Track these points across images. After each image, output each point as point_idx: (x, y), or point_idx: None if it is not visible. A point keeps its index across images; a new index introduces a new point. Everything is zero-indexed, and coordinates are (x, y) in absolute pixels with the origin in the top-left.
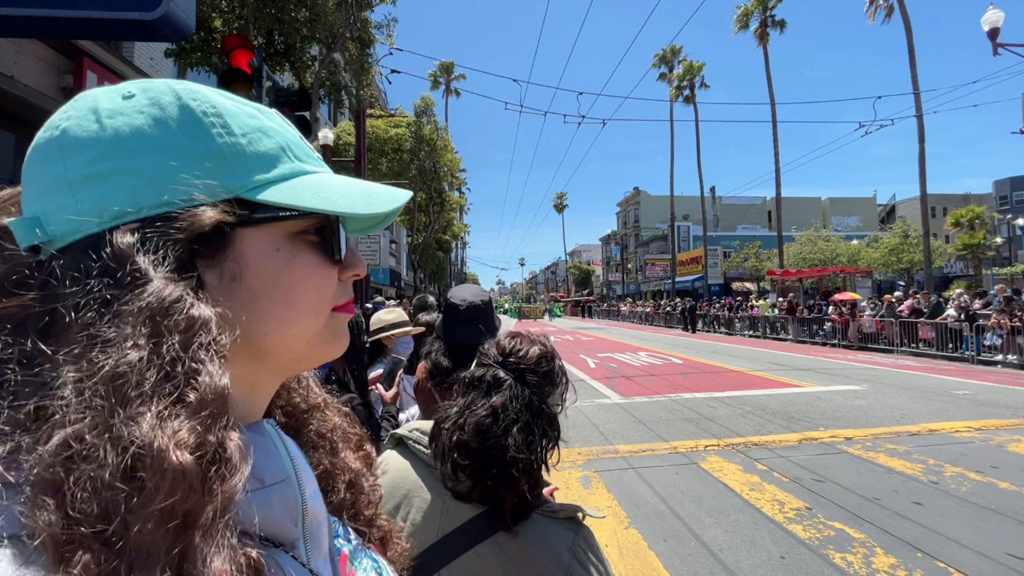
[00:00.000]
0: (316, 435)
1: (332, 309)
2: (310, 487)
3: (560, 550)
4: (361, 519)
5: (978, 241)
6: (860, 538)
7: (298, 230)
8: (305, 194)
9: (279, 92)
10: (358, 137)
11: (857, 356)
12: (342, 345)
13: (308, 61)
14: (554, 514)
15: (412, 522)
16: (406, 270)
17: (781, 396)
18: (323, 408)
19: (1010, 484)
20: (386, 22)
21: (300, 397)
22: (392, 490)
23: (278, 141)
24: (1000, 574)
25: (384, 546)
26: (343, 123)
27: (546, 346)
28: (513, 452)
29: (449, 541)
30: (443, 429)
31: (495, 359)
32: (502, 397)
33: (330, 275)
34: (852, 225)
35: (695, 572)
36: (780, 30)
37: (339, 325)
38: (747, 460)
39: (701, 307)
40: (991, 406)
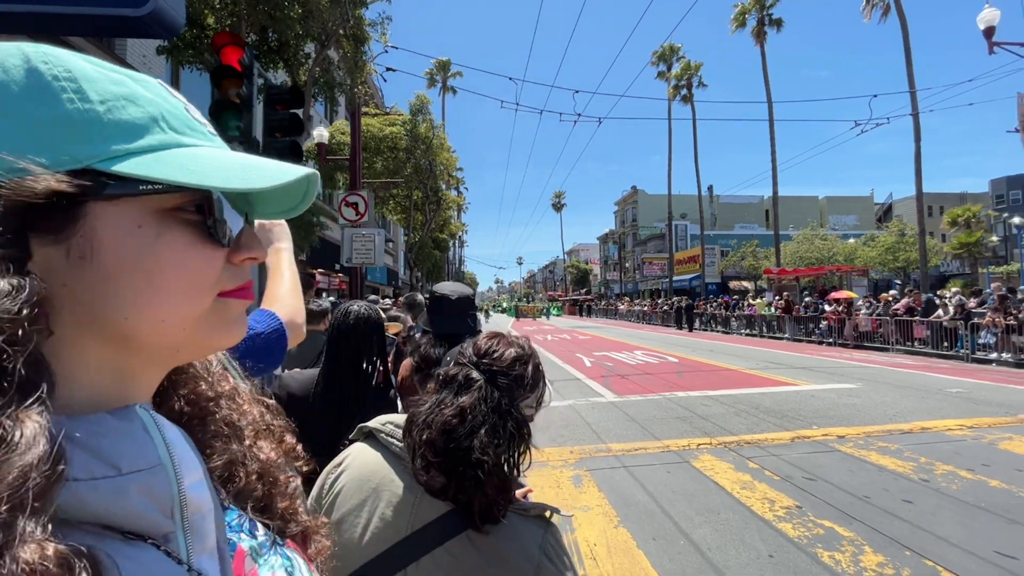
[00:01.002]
0: (224, 424)
1: (219, 294)
2: (192, 477)
3: (530, 546)
4: (275, 513)
5: (974, 240)
6: (849, 536)
7: (170, 206)
8: (172, 167)
9: (271, 89)
10: (353, 135)
11: (853, 354)
12: (235, 334)
13: (302, 58)
14: (525, 512)
15: (380, 516)
16: (403, 269)
17: (775, 394)
18: (233, 397)
19: (1001, 482)
20: (380, 20)
21: (207, 385)
22: (360, 483)
23: (149, 111)
24: (988, 572)
25: (304, 543)
26: (338, 122)
27: (524, 349)
28: (478, 454)
29: (419, 537)
30: (414, 425)
31: (470, 359)
32: (471, 398)
33: (210, 257)
34: (849, 224)
35: (683, 571)
36: (777, 29)
37: (230, 312)
38: (739, 458)
39: (698, 306)
40: (984, 404)
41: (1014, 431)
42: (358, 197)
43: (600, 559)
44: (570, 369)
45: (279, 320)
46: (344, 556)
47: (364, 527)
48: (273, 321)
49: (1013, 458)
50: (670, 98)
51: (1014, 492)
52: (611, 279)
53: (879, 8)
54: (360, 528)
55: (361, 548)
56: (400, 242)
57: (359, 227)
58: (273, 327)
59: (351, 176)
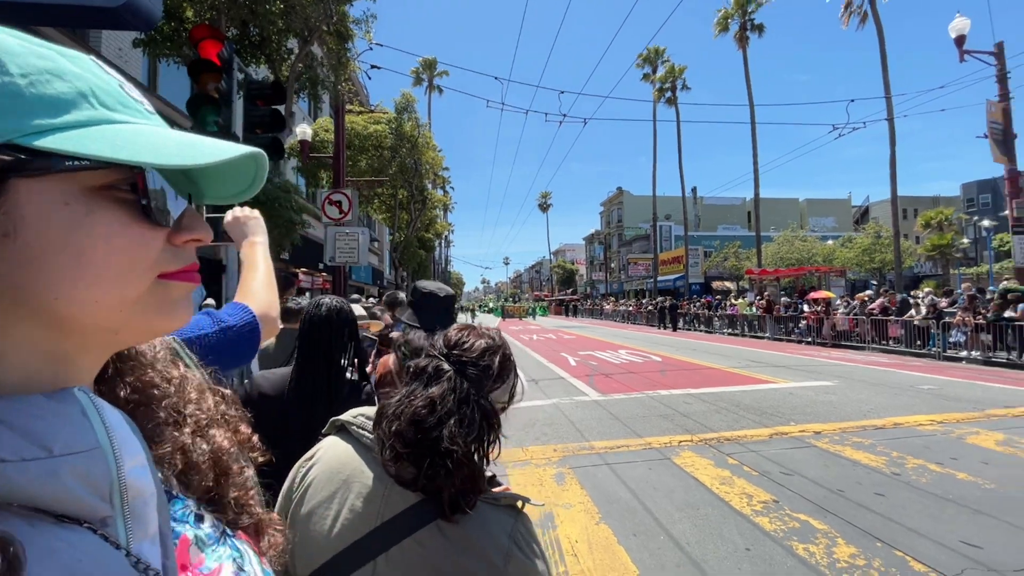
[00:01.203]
0: (172, 411)
1: (160, 276)
2: (133, 461)
3: (500, 535)
4: (227, 503)
5: (946, 242)
6: (823, 529)
7: (100, 184)
8: (100, 143)
9: (252, 84)
10: (337, 133)
11: (831, 353)
12: (177, 317)
13: (284, 54)
14: (495, 501)
15: (350, 508)
16: (389, 268)
17: (755, 392)
18: (183, 384)
19: (967, 475)
20: (365, 17)
21: (155, 372)
22: (331, 475)
23: (77, 86)
24: (954, 561)
25: (257, 536)
26: (322, 119)
27: (494, 340)
28: (447, 444)
29: (389, 527)
30: (384, 417)
31: (440, 351)
32: (440, 389)
33: (145, 236)
34: (828, 226)
35: (662, 565)
36: (759, 34)
37: (171, 295)
38: (719, 455)
39: (682, 306)
40: (953, 400)
41: (981, 426)
42: (342, 195)
43: (581, 555)
44: (555, 368)
45: (252, 313)
46: (314, 548)
47: (334, 519)
48: (246, 314)
49: (979, 452)
50: (655, 100)
51: (980, 484)
52: (597, 279)
53: (857, 15)
54: (330, 520)
55: (331, 540)
56: (385, 241)
57: (343, 226)
58: (246, 320)
59: (335, 174)
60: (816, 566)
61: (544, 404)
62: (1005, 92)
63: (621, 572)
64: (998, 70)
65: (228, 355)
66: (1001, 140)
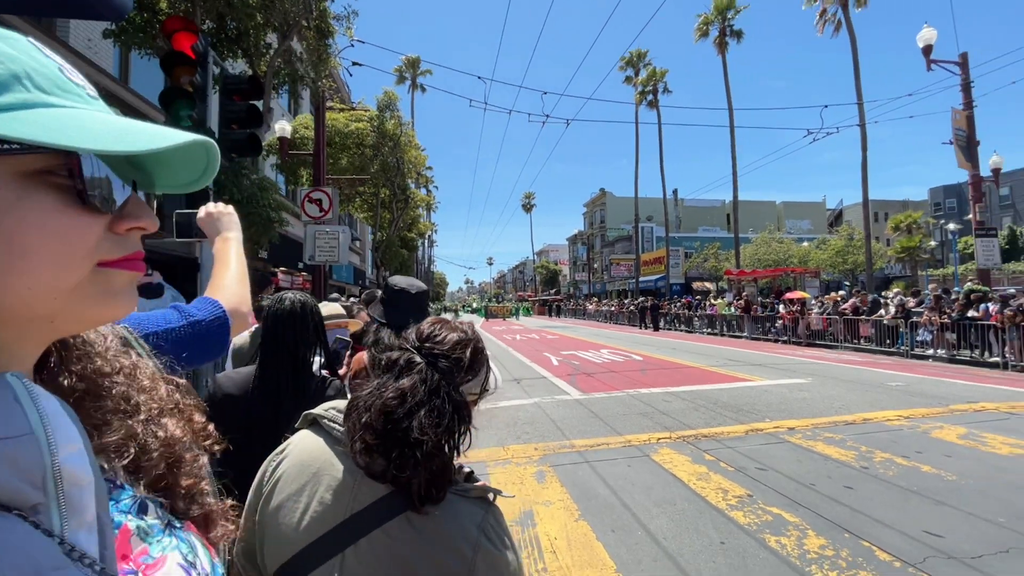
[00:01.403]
0: (121, 399)
1: (100, 264)
2: (69, 448)
3: (469, 526)
4: (179, 492)
5: (915, 244)
6: (795, 522)
7: (35, 169)
8: (32, 126)
9: (227, 79)
10: (317, 130)
11: (805, 352)
12: (119, 306)
13: (263, 49)
14: (466, 492)
15: (321, 500)
16: (370, 268)
17: (732, 390)
18: (133, 373)
19: (931, 468)
20: (346, 14)
21: (103, 360)
22: (301, 468)
23: (11, 68)
24: (916, 550)
25: (208, 526)
26: (302, 116)
27: (467, 334)
28: (417, 434)
29: (358, 519)
30: (355, 409)
31: (413, 344)
32: (411, 380)
33: (82, 223)
34: (804, 228)
35: (639, 560)
36: (738, 40)
37: (112, 283)
38: (696, 451)
39: (663, 306)
40: (920, 396)
41: (945, 420)
42: (322, 194)
43: (560, 552)
44: (537, 368)
45: (222, 308)
46: (283, 542)
47: (303, 512)
48: (215, 308)
49: (943, 445)
50: (637, 103)
51: (943, 476)
52: (580, 279)
53: (831, 23)
54: (299, 513)
55: (299, 533)
56: (367, 240)
57: (323, 224)
58: (215, 314)
59: (315, 172)
60: (787, 558)
61: (526, 403)
62: (969, 101)
63: (599, 568)
64: (962, 79)
65: (197, 349)
66: (965, 147)
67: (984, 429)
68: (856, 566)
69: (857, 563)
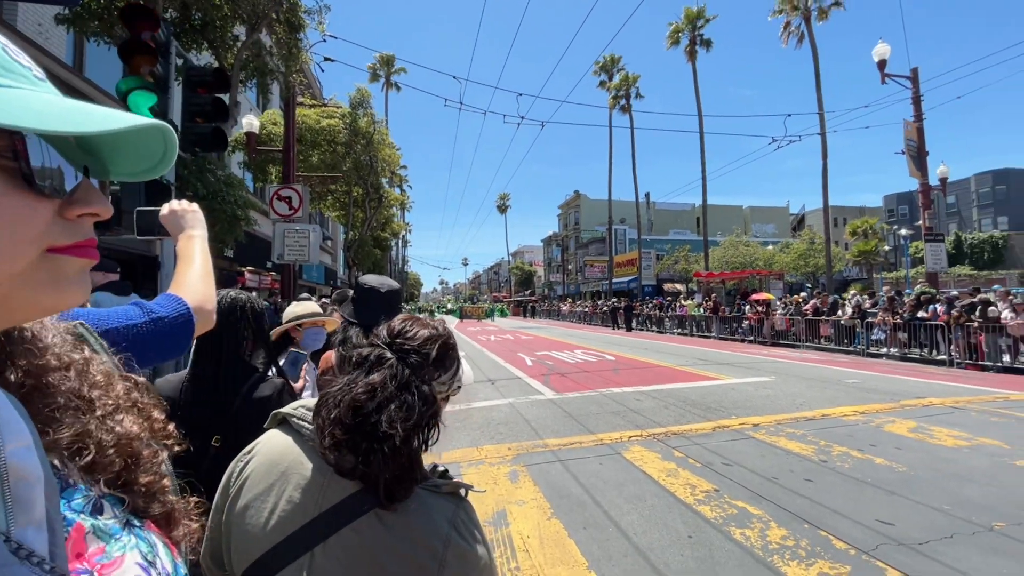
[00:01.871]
0: (73, 395)
1: (49, 250)
2: (16, 443)
3: (440, 521)
4: (137, 489)
5: (871, 248)
6: (758, 514)
7: None
8: None
9: (191, 71)
10: (287, 126)
11: (770, 351)
12: (69, 294)
13: (230, 41)
14: (436, 489)
15: (289, 499)
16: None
17: (701, 388)
18: (86, 368)
19: (884, 460)
20: (318, 8)
21: (53, 356)
22: (269, 467)
23: None
24: (869, 538)
25: (170, 525)
26: (271, 111)
27: (437, 330)
28: (386, 428)
29: (327, 517)
30: (323, 405)
31: (383, 340)
32: (381, 375)
33: (27, 206)
34: (769, 232)
35: (610, 556)
36: (707, 49)
37: (63, 270)
38: (666, 448)
39: (635, 307)
40: (874, 392)
41: (896, 415)
42: (292, 191)
43: (532, 550)
44: (512, 368)
45: (186, 305)
46: (250, 542)
47: (271, 511)
48: (179, 305)
49: (895, 438)
50: (610, 107)
51: (894, 468)
52: (555, 281)
53: (795, 36)
54: (267, 513)
55: (267, 532)
56: (339, 240)
57: (292, 222)
58: (179, 311)
59: (284, 169)
60: (751, 549)
61: (500, 404)
62: (919, 113)
63: (571, 565)
64: (913, 93)
65: (159, 347)
66: (916, 156)
67: (932, 423)
68: (815, 555)
69: (816, 552)
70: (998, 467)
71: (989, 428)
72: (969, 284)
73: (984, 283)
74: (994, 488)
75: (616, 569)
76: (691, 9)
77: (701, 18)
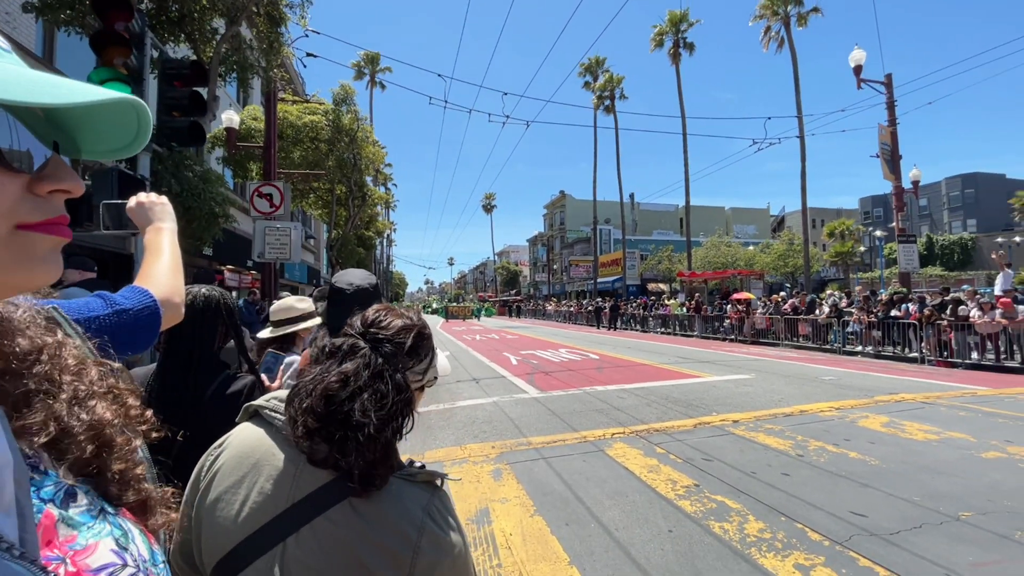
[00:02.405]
0: (44, 379)
1: (18, 226)
2: None
3: (414, 509)
4: (110, 476)
5: (847, 249)
6: (737, 508)
7: None
8: None
9: (167, 64)
10: (268, 122)
11: (750, 349)
12: (40, 272)
13: (208, 34)
14: (412, 477)
15: (261, 491)
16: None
17: (683, 386)
18: (58, 352)
19: (858, 454)
20: (300, 2)
21: (23, 338)
22: (240, 459)
23: None
24: (843, 529)
25: (146, 513)
26: (251, 106)
27: (412, 320)
28: (359, 417)
29: (300, 507)
30: (296, 395)
31: (357, 330)
32: (353, 364)
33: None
34: (750, 233)
35: (591, 551)
36: (690, 52)
37: (33, 248)
38: (648, 445)
39: (620, 306)
40: (849, 388)
41: (870, 411)
42: (273, 188)
43: (515, 547)
44: (496, 367)
45: (152, 297)
46: (221, 535)
47: (242, 503)
48: (145, 297)
49: (868, 433)
50: (595, 107)
51: (867, 462)
52: (540, 280)
53: (775, 40)
54: (238, 505)
55: (238, 525)
56: (322, 238)
57: (273, 220)
58: (144, 303)
59: (265, 166)
60: (729, 542)
61: (484, 403)
62: (893, 118)
63: (552, 561)
64: (887, 98)
65: (123, 340)
66: (890, 160)
67: (903, 418)
68: (791, 547)
69: (792, 544)
70: (965, 459)
71: (958, 422)
72: (940, 284)
73: (954, 283)
74: (961, 480)
75: (597, 564)
76: (675, 12)
77: (685, 21)
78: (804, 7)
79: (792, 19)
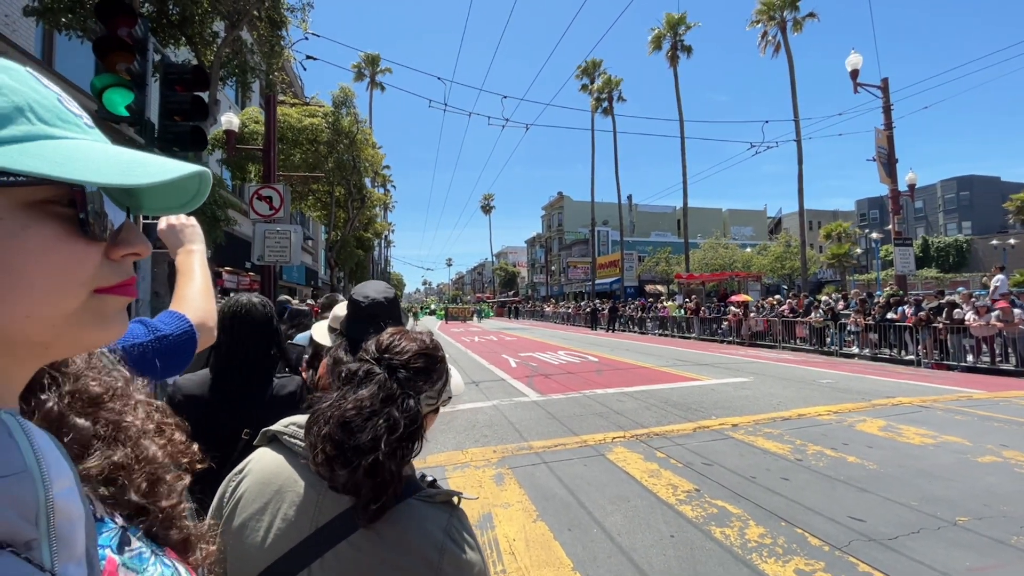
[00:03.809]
0: (107, 424)
1: (96, 290)
2: (61, 484)
3: (435, 530)
4: (158, 513)
5: (844, 252)
6: (737, 513)
7: (38, 199)
8: (37, 159)
9: (169, 68)
10: (268, 124)
11: (748, 351)
12: (112, 331)
13: (209, 37)
14: (430, 498)
15: (284, 517)
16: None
17: (682, 389)
18: (124, 395)
19: (856, 458)
20: (300, 5)
21: (96, 383)
22: (263, 486)
23: (14, 100)
24: (842, 534)
25: (187, 550)
26: (251, 109)
27: (426, 343)
28: (371, 444)
29: (323, 533)
30: (315, 422)
31: (372, 355)
32: (369, 391)
33: (81, 252)
34: (747, 235)
35: (594, 557)
36: (688, 55)
37: (106, 308)
38: (648, 449)
39: (619, 308)
40: (846, 392)
41: (867, 414)
42: (272, 191)
43: (518, 553)
44: (496, 370)
45: (188, 322)
46: (247, 561)
47: (267, 529)
48: (182, 323)
49: (866, 437)
50: (593, 110)
51: (865, 466)
52: (538, 281)
53: (772, 45)
54: (263, 531)
55: (264, 551)
56: (320, 240)
57: (273, 223)
58: (183, 328)
59: (265, 168)
60: (731, 547)
61: (484, 406)
62: (889, 122)
63: (556, 566)
64: (884, 102)
65: (163, 365)
66: (886, 163)
67: (900, 421)
68: (791, 552)
69: (792, 549)
70: (962, 464)
71: (954, 426)
72: (935, 286)
73: (949, 286)
74: (958, 484)
75: (601, 570)
76: (672, 15)
77: (682, 24)
78: (800, 12)
79: (788, 24)
